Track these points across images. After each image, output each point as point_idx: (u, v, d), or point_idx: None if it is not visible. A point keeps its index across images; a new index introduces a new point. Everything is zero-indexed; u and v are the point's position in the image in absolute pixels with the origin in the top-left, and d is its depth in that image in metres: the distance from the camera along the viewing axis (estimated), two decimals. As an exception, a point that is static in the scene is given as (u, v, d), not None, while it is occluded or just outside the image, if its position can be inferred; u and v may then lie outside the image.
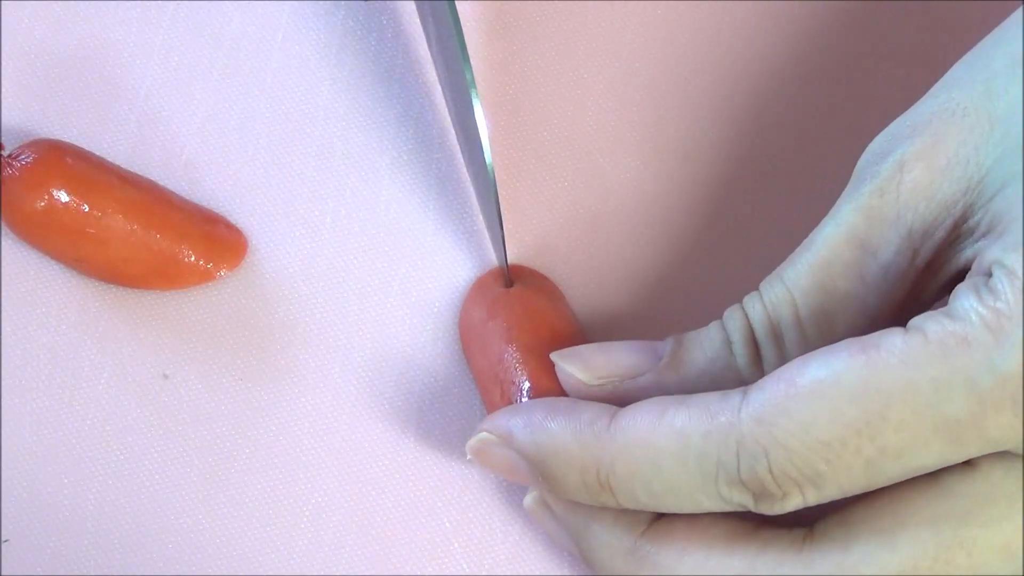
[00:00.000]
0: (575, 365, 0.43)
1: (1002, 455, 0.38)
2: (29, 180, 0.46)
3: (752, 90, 0.49)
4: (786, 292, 0.40)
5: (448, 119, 0.48)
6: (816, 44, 0.49)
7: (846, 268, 0.40)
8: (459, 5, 0.50)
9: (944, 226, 0.39)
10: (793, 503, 0.38)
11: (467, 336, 0.46)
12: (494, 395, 0.44)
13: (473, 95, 0.42)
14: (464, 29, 0.50)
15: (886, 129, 0.40)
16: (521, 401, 0.43)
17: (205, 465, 0.46)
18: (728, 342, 0.41)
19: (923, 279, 0.40)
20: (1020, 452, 0.38)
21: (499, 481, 0.46)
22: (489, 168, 0.43)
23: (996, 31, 0.40)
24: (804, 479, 0.38)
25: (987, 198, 0.38)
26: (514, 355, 0.44)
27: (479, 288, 0.47)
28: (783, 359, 0.40)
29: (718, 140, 0.48)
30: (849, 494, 0.38)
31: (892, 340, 0.37)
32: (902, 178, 0.39)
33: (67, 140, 0.48)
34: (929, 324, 0.37)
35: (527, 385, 0.43)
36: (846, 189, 0.40)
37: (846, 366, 0.37)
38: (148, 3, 0.50)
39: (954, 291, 0.38)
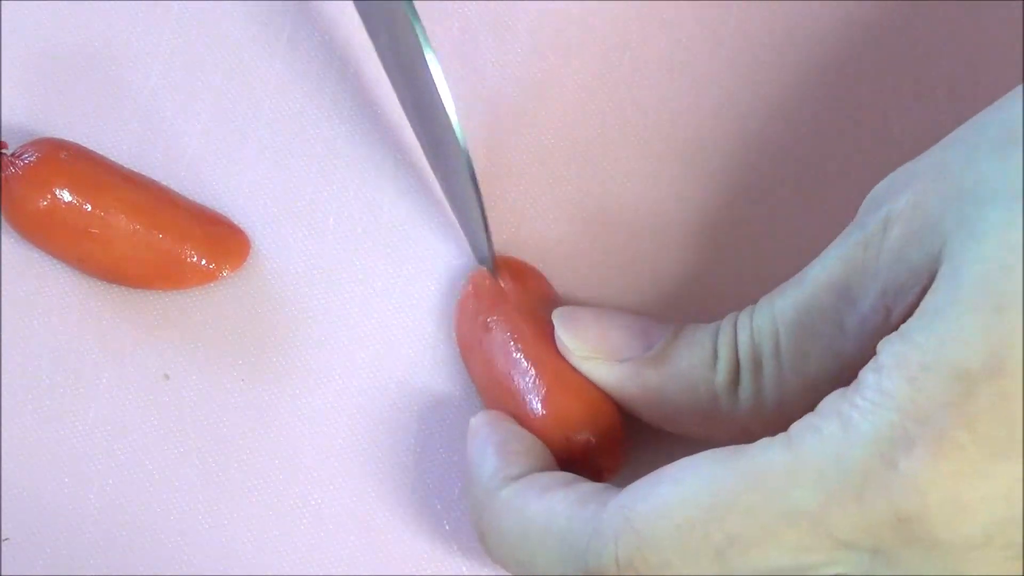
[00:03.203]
0: (569, 332, 0.43)
1: None
2: (32, 179, 0.46)
3: (754, 92, 0.49)
4: (772, 322, 0.40)
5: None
6: (820, 47, 0.49)
7: (826, 313, 0.39)
8: (461, 7, 0.50)
9: (914, 292, 0.37)
10: None
11: (465, 345, 0.46)
12: (506, 401, 0.44)
13: (426, 50, 0.42)
14: (466, 33, 0.50)
15: (890, 175, 0.39)
16: (537, 394, 0.43)
17: (205, 465, 0.46)
18: (714, 356, 0.41)
19: None
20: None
21: (500, 483, 0.46)
22: (459, 137, 0.43)
23: (1004, 98, 0.38)
24: (649, 570, 0.37)
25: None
26: (520, 351, 0.44)
27: (472, 298, 0.46)
28: (759, 390, 0.40)
29: (721, 142, 0.48)
30: None
31: (762, 440, 0.37)
32: (884, 235, 0.37)
33: (70, 139, 0.48)
34: (796, 422, 0.37)
35: (543, 389, 0.43)
36: (846, 229, 0.39)
37: (711, 455, 0.37)
38: (153, 3, 0.50)
39: None
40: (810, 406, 0.37)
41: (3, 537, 0.46)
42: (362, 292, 0.48)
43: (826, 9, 0.49)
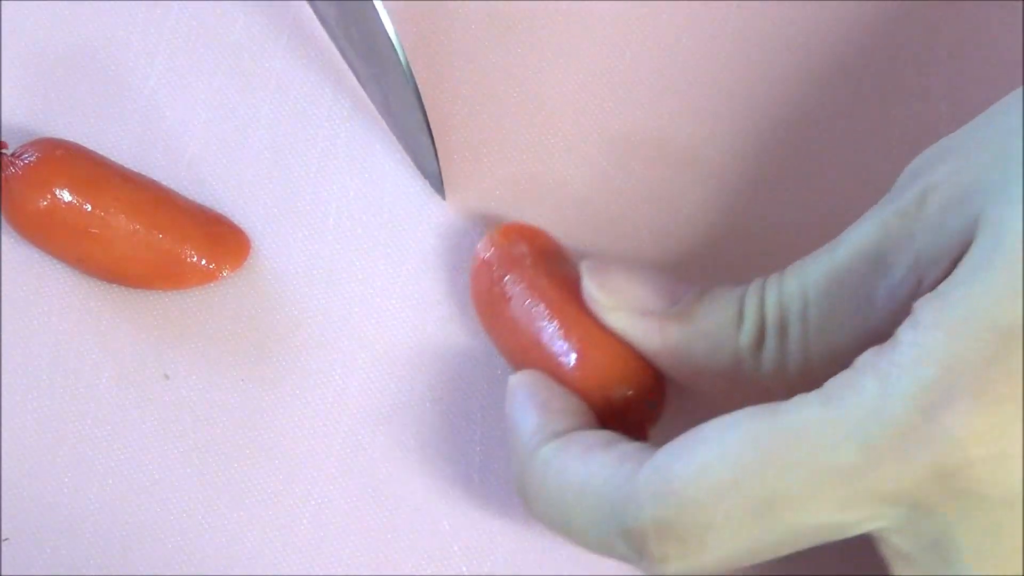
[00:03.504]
0: (596, 282, 0.43)
1: None
2: (32, 179, 0.46)
3: (754, 92, 0.49)
4: (802, 287, 0.40)
5: (444, 120, 0.48)
6: (820, 46, 0.49)
7: (857, 281, 0.39)
8: (461, 7, 0.50)
9: (946, 262, 0.37)
10: (674, 567, 0.37)
11: (486, 316, 0.46)
12: (538, 367, 0.44)
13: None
14: (468, 33, 0.50)
15: (927, 150, 0.39)
16: (571, 356, 0.43)
17: (205, 465, 0.46)
18: (740, 317, 0.41)
19: None
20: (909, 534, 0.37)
21: (499, 483, 0.46)
22: (404, 65, 0.44)
23: None
24: (687, 531, 0.37)
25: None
26: (546, 316, 0.44)
27: (485, 268, 0.46)
28: (783, 354, 0.40)
29: (720, 143, 0.48)
30: (733, 562, 0.37)
31: (797, 397, 0.37)
32: (922, 204, 0.38)
33: (70, 139, 0.48)
34: (831, 379, 0.37)
35: (576, 350, 0.43)
36: (881, 200, 0.40)
37: (747, 413, 0.37)
38: (153, 3, 0.50)
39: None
40: (833, 372, 0.37)
41: (3, 537, 0.46)
42: (362, 291, 0.48)
43: (826, 9, 0.49)
